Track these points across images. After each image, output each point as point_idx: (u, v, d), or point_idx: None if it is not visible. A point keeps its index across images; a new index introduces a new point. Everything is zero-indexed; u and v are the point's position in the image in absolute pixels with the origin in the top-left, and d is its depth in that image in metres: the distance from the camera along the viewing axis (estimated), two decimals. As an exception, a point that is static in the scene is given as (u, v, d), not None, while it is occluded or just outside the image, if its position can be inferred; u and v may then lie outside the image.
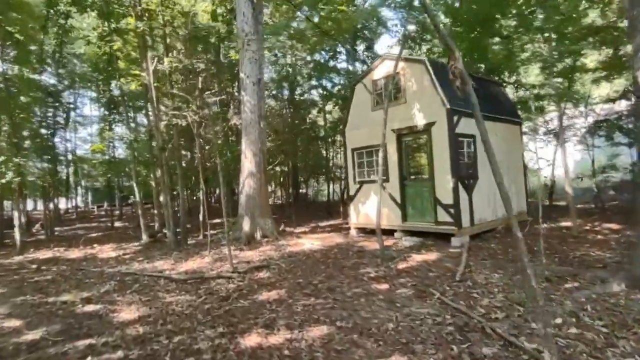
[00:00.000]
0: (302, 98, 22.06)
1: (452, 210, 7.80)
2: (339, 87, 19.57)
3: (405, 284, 5.26)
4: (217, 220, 14.94)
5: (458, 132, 7.92)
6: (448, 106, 7.77)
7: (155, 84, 9.45)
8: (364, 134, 9.60)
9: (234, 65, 15.64)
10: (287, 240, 9.17)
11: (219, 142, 12.18)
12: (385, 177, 9.12)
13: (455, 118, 7.88)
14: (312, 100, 21.84)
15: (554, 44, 9.70)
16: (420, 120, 8.33)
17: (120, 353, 3.59)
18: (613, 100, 12.00)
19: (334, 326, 3.91)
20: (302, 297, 4.98)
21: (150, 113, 12.40)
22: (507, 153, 9.63)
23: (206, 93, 10.04)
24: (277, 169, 15.35)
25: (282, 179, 27.52)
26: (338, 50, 17.81)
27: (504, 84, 12.64)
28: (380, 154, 7.02)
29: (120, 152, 20.87)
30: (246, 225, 9.29)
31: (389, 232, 9.22)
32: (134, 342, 3.82)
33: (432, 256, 6.77)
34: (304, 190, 30.84)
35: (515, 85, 14.98)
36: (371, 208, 9.50)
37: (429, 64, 8.23)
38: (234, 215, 10.92)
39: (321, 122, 23.00)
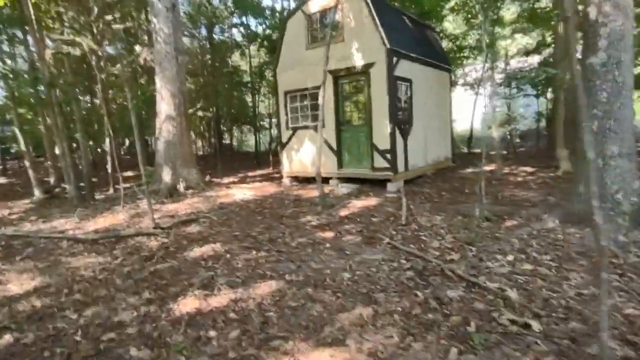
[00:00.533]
0: (222, 38, 20.01)
1: (388, 156, 7.70)
2: (264, 26, 18.01)
3: (351, 230, 5.02)
4: (130, 174, 13.28)
5: (397, 74, 7.64)
6: (388, 46, 7.36)
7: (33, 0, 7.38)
8: (298, 76, 8.86)
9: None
10: (216, 192, 8.39)
11: (127, 81, 10.36)
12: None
13: (395, 59, 7.55)
14: (235, 41, 19.91)
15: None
16: (358, 61, 7.84)
17: (8, 337, 2.75)
18: (527, 54, 12.78)
19: (283, 280, 3.49)
20: (241, 251, 4.44)
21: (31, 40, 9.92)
22: (438, 101, 9.76)
23: (107, 17, 8.21)
24: (200, 114, 13.82)
25: (202, 128, 25.61)
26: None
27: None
28: (321, 95, 6.44)
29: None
30: (166, 176, 8.22)
31: (325, 180, 8.90)
32: (28, 321, 2.98)
33: (371, 202, 6.64)
34: (227, 141, 29.24)
35: (440, 35, 15.19)
36: (305, 155, 9.05)
37: (369, -2, 7.62)
38: (150, 166, 9.66)
39: (245, 66, 21.32)
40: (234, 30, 20.00)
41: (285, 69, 9.13)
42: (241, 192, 8.34)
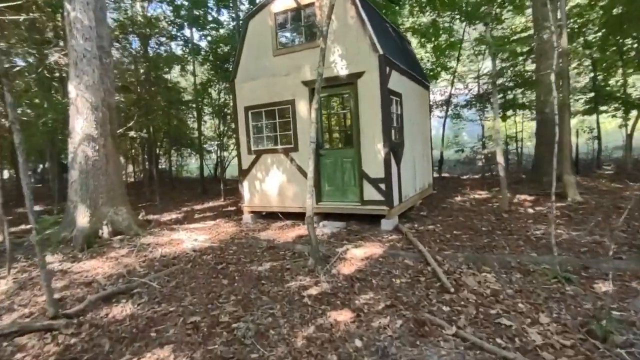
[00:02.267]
0: (159, 51, 17.71)
1: (382, 186, 6.23)
2: (210, 38, 16.15)
3: (376, 305, 3.35)
4: (39, 208, 10.36)
5: (390, 87, 6.29)
6: (381, 52, 6.02)
7: None
8: (262, 88, 7.17)
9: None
10: (156, 237, 6.23)
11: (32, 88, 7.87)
12: (292, 145, 6.99)
13: (388, 69, 6.21)
14: (174, 55, 17.70)
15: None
16: (342, 70, 6.39)
17: None
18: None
19: None
20: (211, 364, 2.56)
21: None
22: (421, 119, 8.64)
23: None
24: (132, 133, 11.35)
25: (133, 151, 22.48)
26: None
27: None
28: (314, 108, 4.82)
29: None
30: (83, 218, 5.92)
31: (298, 216, 7.22)
32: None
33: (374, 249, 5.04)
34: (163, 166, 26.08)
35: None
36: (272, 185, 7.28)
37: (355, -5, 6.28)
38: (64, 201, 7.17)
39: (185, 84, 19.10)
40: (173, 44, 17.87)
41: (246, 80, 7.39)
42: (191, 236, 6.29)
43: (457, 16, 13.65)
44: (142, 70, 17.72)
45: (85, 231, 5.84)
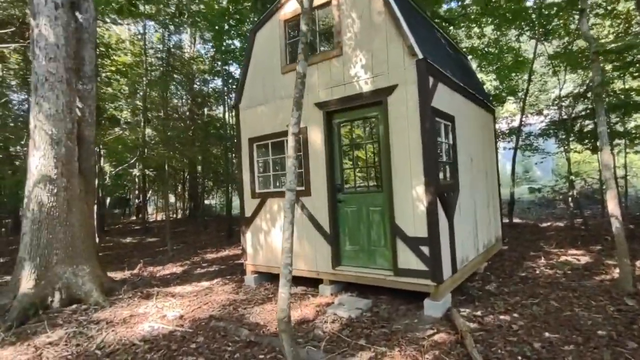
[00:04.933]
0: (202, 88, 17.58)
1: (425, 250, 4.19)
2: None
3: None
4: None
5: (435, 105, 4.39)
6: (420, 56, 4.20)
7: None
8: (269, 115, 5.65)
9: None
10: (116, 309, 4.72)
11: None
12: (303, 188, 5.25)
13: (432, 80, 4.34)
14: (214, 89, 17.41)
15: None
16: (366, 85, 4.64)
17: None
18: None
19: None
20: None
21: None
22: (484, 152, 6.50)
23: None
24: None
25: (177, 186, 22.37)
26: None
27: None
28: (291, 133, 3.12)
29: None
30: (26, 282, 4.61)
31: (311, 282, 5.37)
32: None
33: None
34: (211, 202, 25.72)
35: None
36: (280, 239, 5.54)
37: (384, -14, 4.61)
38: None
39: (226, 118, 18.69)
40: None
41: (252, 105, 5.94)
42: (161, 309, 4.68)
43: (527, 31, 11.42)
44: (186, 107, 17.74)
45: (26, 299, 4.49)
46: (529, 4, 10.90)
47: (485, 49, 12.95)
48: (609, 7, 9.72)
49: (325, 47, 5.26)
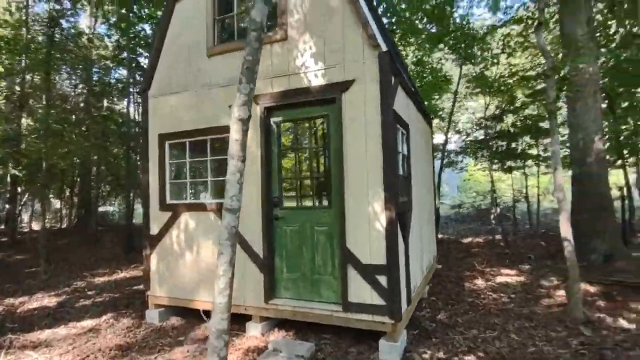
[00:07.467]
0: (102, 77, 15.07)
1: (382, 280, 3.48)
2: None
3: None
4: None
5: (396, 109, 3.75)
6: (384, 48, 3.54)
7: None
8: (190, 106, 4.49)
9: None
10: None
11: None
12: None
13: (394, 80, 3.70)
14: (118, 80, 15.04)
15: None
16: (316, 78, 3.83)
17: None
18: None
19: None
20: None
21: None
22: (427, 167, 6.16)
23: None
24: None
25: (65, 191, 18.81)
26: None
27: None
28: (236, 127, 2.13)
29: None
30: None
31: (235, 318, 4.28)
32: None
33: None
34: (108, 209, 22.26)
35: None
36: (196, 265, 4.38)
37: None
38: None
39: (131, 113, 16.30)
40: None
41: (166, 92, 4.69)
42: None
43: (449, 55, 11.88)
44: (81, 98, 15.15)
45: None
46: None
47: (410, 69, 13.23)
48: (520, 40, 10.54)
49: (267, 28, 4.33)
